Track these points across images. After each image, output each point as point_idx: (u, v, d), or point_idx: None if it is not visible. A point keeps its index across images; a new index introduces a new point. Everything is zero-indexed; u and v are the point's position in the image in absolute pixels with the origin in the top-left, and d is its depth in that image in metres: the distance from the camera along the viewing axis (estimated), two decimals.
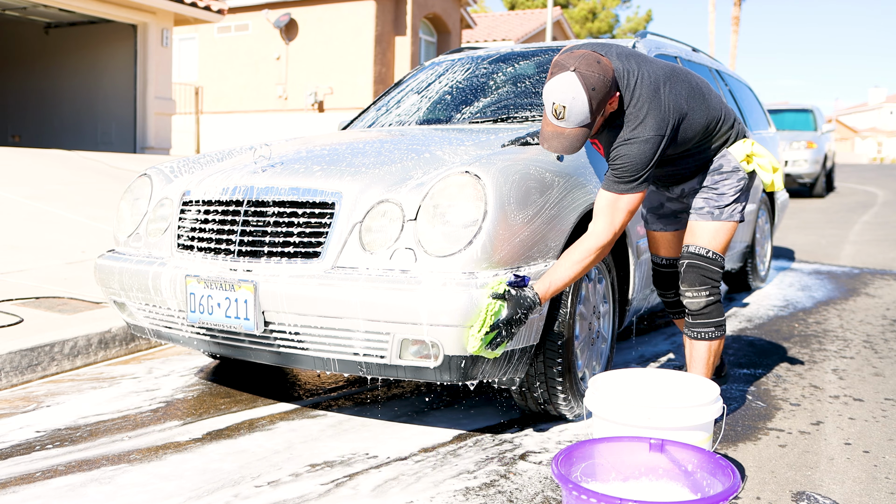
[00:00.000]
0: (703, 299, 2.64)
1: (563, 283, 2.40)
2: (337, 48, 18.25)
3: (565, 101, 2.30)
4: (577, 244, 2.43)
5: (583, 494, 1.66)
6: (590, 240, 2.41)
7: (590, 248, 2.41)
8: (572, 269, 2.40)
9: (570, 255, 2.41)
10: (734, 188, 2.66)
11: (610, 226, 2.42)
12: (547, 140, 2.39)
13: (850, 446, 2.66)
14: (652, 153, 2.40)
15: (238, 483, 2.32)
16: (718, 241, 2.65)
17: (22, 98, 14.48)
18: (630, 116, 2.41)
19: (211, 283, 2.64)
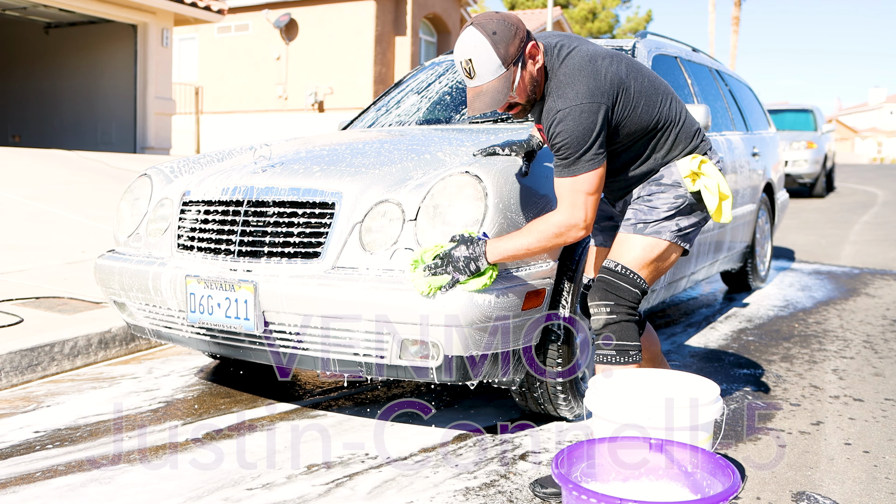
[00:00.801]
0: (602, 317, 2.30)
1: (515, 251, 2.24)
2: (337, 48, 18.26)
3: (469, 54, 2.12)
4: (542, 218, 2.24)
5: (583, 494, 1.66)
6: (554, 215, 2.22)
7: (553, 221, 2.20)
8: (527, 240, 2.22)
9: (534, 225, 2.24)
10: (669, 204, 2.34)
11: (571, 209, 2.19)
12: (470, 106, 2.19)
13: (850, 446, 2.66)
14: (591, 123, 2.14)
15: (238, 483, 2.32)
16: (636, 257, 2.32)
17: (22, 98, 14.48)
18: (559, 83, 2.19)
19: (211, 283, 2.64)
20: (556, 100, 2.18)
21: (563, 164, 2.19)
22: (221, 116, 19.52)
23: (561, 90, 2.18)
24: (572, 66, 2.19)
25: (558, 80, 2.19)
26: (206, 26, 19.02)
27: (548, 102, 2.21)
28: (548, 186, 2.62)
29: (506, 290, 2.39)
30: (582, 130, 2.14)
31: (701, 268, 4.19)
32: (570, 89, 2.16)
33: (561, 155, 2.19)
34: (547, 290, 2.57)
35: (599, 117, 2.15)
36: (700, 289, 5.77)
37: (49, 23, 13.87)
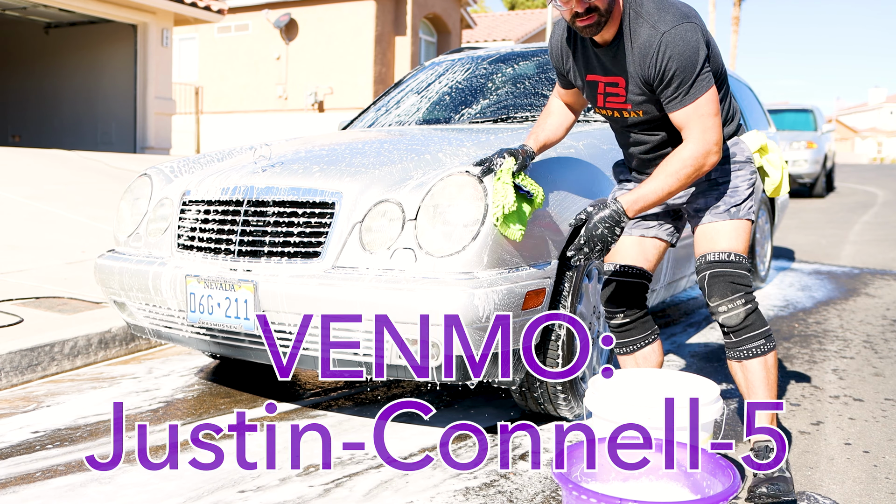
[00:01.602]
0: (741, 310, 2.21)
1: (656, 196, 2.12)
2: (337, 48, 18.25)
3: None
4: (672, 156, 2.13)
5: (583, 494, 1.66)
6: (684, 149, 2.10)
7: (685, 156, 2.10)
8: (665, 183, 2.11)
9: (666, 167, 2.12)
10: (748, 182, 2.29)
11: (702, 135, 2.09)
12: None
13: (850, 446, 2.66)
14: (696, 41, 2.07)
15: (238, 483, 2.32)
16: (740, 242, 2.26)
17: (22, 98, 14.48)
18: (650, 12, 2.11)
19: (211, 282, 2.64)
20: (654, 26, 2.09)
21: (682, 92, 2.09)
22: (221, 116, 19.52)
23: (654, 17, 2.10)
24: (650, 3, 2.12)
25: (646, 8, 2.11)
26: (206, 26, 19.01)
27: (641, 34, 2.11)
28: (546, 188, 2.62)
29: (506, 289, 2.39)
30: (692, 49, 2.06)
31: None
32: (666, 14, 2.10)
33: (676, 82, 2.09)
34: (547, 290, 2.57)
35: (700, 36, 2.09)
36: None
37: (49, 23, 13.86)
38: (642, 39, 2.11)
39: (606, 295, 2.51)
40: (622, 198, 2.13)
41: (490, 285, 2.35)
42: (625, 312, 2.49)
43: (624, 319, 2.49)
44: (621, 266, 2.47)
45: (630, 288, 2.47)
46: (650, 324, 2.53)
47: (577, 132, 3.12)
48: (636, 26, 2.12)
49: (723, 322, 2.25)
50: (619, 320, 2.50)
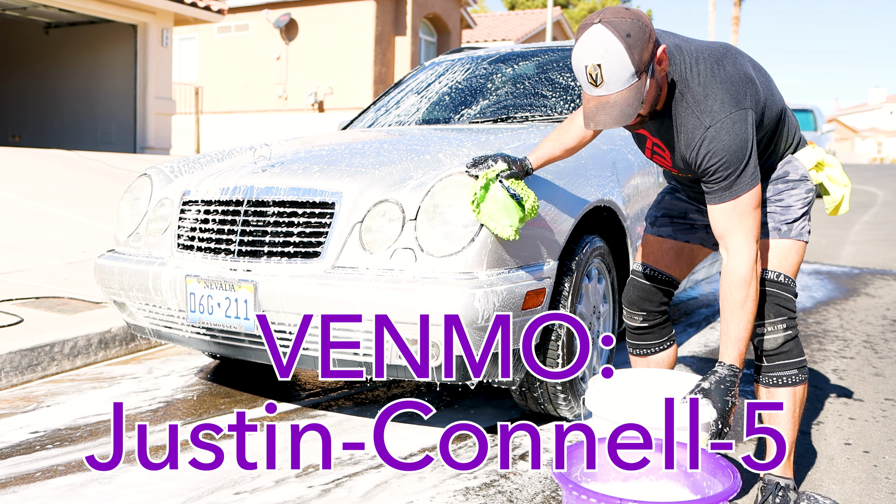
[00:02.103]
0: (780, 334, 2.12)
1: (747, 332, 2.00)
2: (337, 48, 18.26)
3: (598, 59, 1.84)
4: (726, 285, 1.99)
5: (583, 494, 1.66)
6: (738, 268, 1.96)
7: (743, 276, 1.96)
8: (747, 311, 1.98)
9: (729, 299, 1.98)
10: (803, 200, 2.18)
11: (745, 236, 1.97)
12: (592, 118, 1.92)
13: (850, 446, 2.66)
14: (744, 132, 1.93)
15: (238, 483, 2.32)
16: (790, 263, 2.15)
17: (22, 98, 14.48)
18: (696, 97, 1.97)
19: (211, 282, 2.64)
20: (699, 117, 1.96)
21: (723, 187, 1.97)
22: (221, 116, 19.52)
23: (701, 104, 1.96)
24: (704, 74, 1.98)
25: (692, 92, 1.98)
26: (206, 26, 19.02)
27: (685, 120, 1.99)
28: (546, 188, 2.62)
29: (506, 289, 2.39)
30: (739, 143, 1.93)
31: (701, 268, 4.18)
32: (712, 101, 1.95)
33: (719, 177, 1.96)
34: (547, 290, 2.57)
35: (749, 124, 1.95)
36: (700, 289, 5.76)
37: (49, 23, 13.87)
38: (688, 128, 2.00)
39: (629, 295, 2.45)
40: (726, 358, 1.99)
41: (490, 285, 2.35)
42: (644, 316, 2.43)
43: (643, 323, 2.44)
44: (651, 269, 2.42)
45: (653, 292, 2.42)
46: (668, 329, 2.47)
47: None
48: (681, 111, 2.00)
49: (756, 345, 2.16)
50: (638, 323, 2.45)
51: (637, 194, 3.21)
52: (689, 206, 2.44)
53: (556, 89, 3.75)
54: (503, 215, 2.28)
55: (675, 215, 2.45)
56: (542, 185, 2.61)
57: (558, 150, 2.43)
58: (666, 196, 2.51)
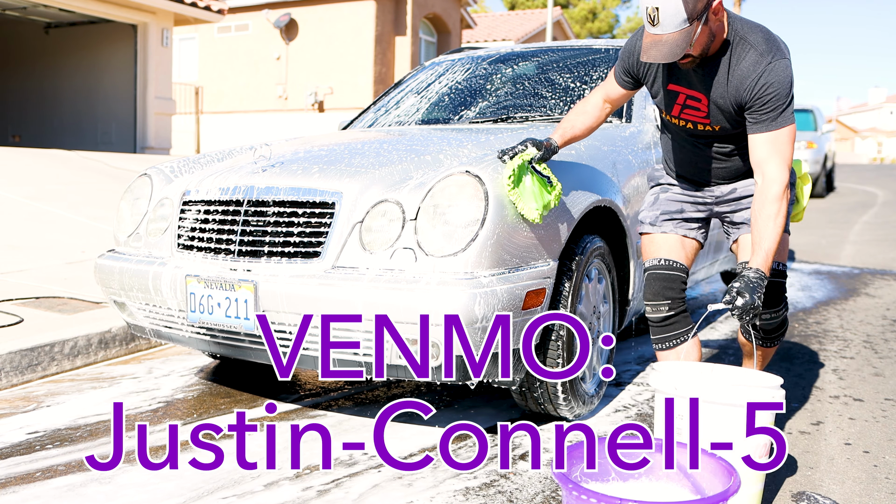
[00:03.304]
0: (780, 318, 2.51)
1: (775, 243, 2.21)
2: (337, 48, 18.25)
3: (657, 2, 2.13)
4: (760, 201, 2.22)
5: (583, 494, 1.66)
6: (772, 188, 2.21)
7: (777, 193, 2.20)
8: (776, 225, 2.20)
9: (763, 213, 2.21)
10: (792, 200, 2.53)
11: (783, 163, 2.22)
12: (645, 51, 2.21)
13: (850, 446, 2.66)
14: (790, 74, 2.23)
15: (238, 483, 2.32)
16: (784, 253, 2.49)
17: (22, 98, 14.48)
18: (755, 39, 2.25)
19: (211, 282, 2.64)
20: (762, 54, 2.23)
21: (771, 118, 2.22)
22: (221, 116, 19.52)
23: (762, 46, 2.23)
24: (755, 25, 2.27)
25: (754, 39, 2.24)
26: (206, 26, 19.01)
27: (749, 57, 2.24)
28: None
29: (506, 289, 2.39)
30: (788, 80, 2.21)
31: (701, 268, 4.18)
32: (773, 46, 2.23)
33: (768, 108, 2.22)
34: (547, 290, 2.57)
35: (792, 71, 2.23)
36: (700, 289, 5.77)
37: (49, 23, 13.86)
38: (747, 63, 2.25)
39: (651, 289, 2.56)
40: (755, 263, 2.19)
41: (490, 285, 2.35)
42: (669, 305, 2.53)
43: (669, 312, 2.53)
44: (665, 259, 2.56)
45: (674, 280, 2.54)
46: (689, 318, 2.59)
47: None
48: (741, 51, 2.26)
49: (761, 326, 2.46)
50: (664, 313, 2.54)
51: (637, 194, 3.21)
52: (684, 204, 2.62)
53: (556, 89, 3.75)
54: (531, 199, 2.42)
55: (672, 213, 2.62)
56: None
57: (579, 128, 2.61)
58: (660, 196, 2.67)
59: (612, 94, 2.59)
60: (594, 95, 2.62)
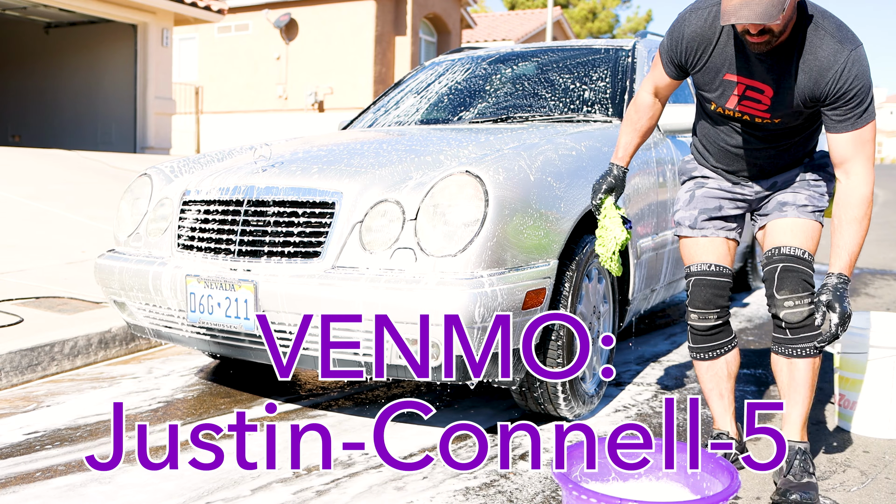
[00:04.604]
0: (805, 308, 2.21)
1: (860, 247, 2.12)
2: (337, 48, 18.25)
3: None
4: (845, 203, 2.12)
5: (583, 494, 1.66)
6: (859, 188, 2.10)
7: (864, 195, 2.11)
8: (863, 228, 2.11)
9: (847, 215, 2.10)
10: (829, 193, 2.36)
11: (868, 162, 2.10)
12: (734, 13, 1.94)
13: (849, 446, 2.66)
14: (869, 66, 2.06)
15: (238, 483, 2.32)
16: (813, 243, 2.31)
17: (22, 98, 14.48)
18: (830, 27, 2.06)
19: (211, 282, 2.64)
20: (841, 42, 2.04)
21: (857, 114, 2.07)
22: (221, 116, 19.52)
23: (838, 34, 2.05)
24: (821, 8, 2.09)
25: (828, 25, 2.06)
26: (206, 26, 19.01)
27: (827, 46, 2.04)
28: (549, 188, 2.62)
29: (506, 289, 2.39)
30: (869, 73, 2.06)
31: None
32: (848, 33, 2.06)
33: (852, 102, 2.06)
34: (547, 290, 2.57)
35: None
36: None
37: (49, 23, 13.86)
38: (825, 53, 2.05)
39: (700, 297, 2.41)
40: (836, 268, 2.11)
41: (490, 285, 2.35)
42: (718, 314, 2.41)
43: (717, 321, 2.41)
44: (715, 265, 2.41)
45: (724, 287, 2.41)
46: (731, 326, 2.49)
47: (578, 132, 3.12)
48: (816, 39, 2.06)
49: (784, 317, 2.23)
50: (712, 322, 2.41)
51: (637, 194, 3.21)
52: (722, 200, 2.44)
53: (556, 90, 3.75)
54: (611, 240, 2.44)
55: (710, 211, 2.44)
56: (543, 186, 2.61)
57: (637, 137, 2.49)
58: (695, 193, 2.48)
59: (661, 87, 2.40)
60: (645, 96, 2.44)
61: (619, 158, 2.49)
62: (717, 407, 2.49)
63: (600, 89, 3.66)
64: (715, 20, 2.17)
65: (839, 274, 2.09)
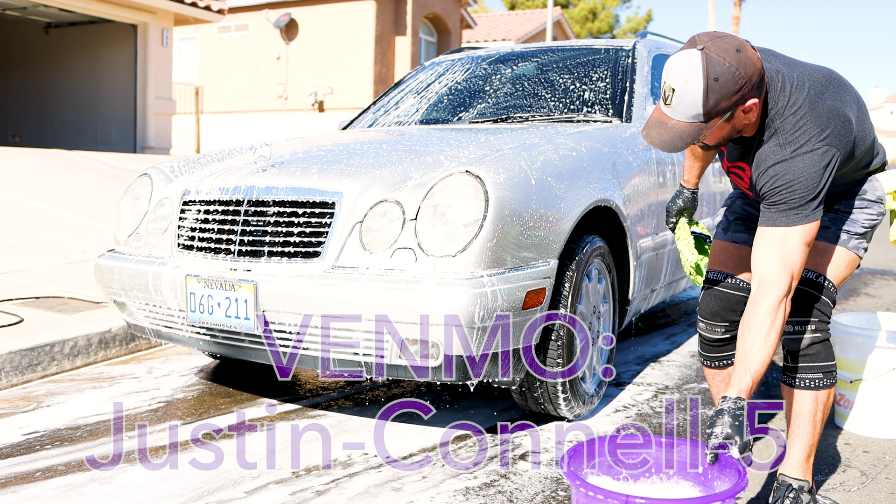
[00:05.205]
0: (808, 335, 2.08)
1: (763, 366, 1.88)
2: (337, 48, 18.26)
3: (675, 84, 1.83)
4: (751, 313, 1.91)
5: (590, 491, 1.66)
6: (766, 297, 1.88)
7: (771, 306, 1.88)
8: (769, 344, 1.88)
9: (753, 327, 1.89)
10: (870, 220, 2.17)
11: (784, 267, 1.89)
12: (648, 127, 1.92)
13: (849, 446, 2.66)
14: (822, 168, 1.89)
15: (238, 483, 2.32)
16: (838, 271, 2.13)
17: (22, 98, 14.48)
18: (785, 126, 1.93)
19: (211, 282, 2.64)
20: (782, 146, 1.92)
21: (780, 210, 1.91)
22: (221, 116, 19.52)
23: (788, 134, 1.92)
24: (802, 106, 1.93)
25: (784, 128, 1.93)
26: (206, 26, 19.02)
27: (768, 144, 1.95)
28: (550, 188, 2.62)
29: (506, 289, 2.39)
30: (814, 175, 1.89)
31: None
32: (801, 134, 1.92)
33: (779, 200, 1.92)
34: (547, 290, 2.57)
35: (830, 163, 1.91)
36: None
37: (49, 23, 13.86)
38: (765, 152, 1.96)
39: (709, 307, 2.33)
40: (734, 391, 1.85)
41: (490, 285, 2.35)
42: (726, 328, 2.33)
43: (724, 335, 2.34)
44: (732, 277, 2.30)
45: (738, 302, 2.29)
46: None
47: (578, 133, 3.12)
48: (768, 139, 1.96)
49: (784, 343, 2.13)
50: (719, 335, 2.34)
51: (637, 194, 3.21)
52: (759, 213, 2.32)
53: (556, 90, 3.75)
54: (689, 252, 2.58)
55: (746, 219, 2.36)
56: (543, 186, 2.61)
57: (697, 161, 2.54)
58: (737, 201, 2.42)
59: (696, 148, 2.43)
60: None
61: (686, 181, 2.58)
62: None
63: (600, 89, 3.66)
64: None
65: (737, 399, 1.83)
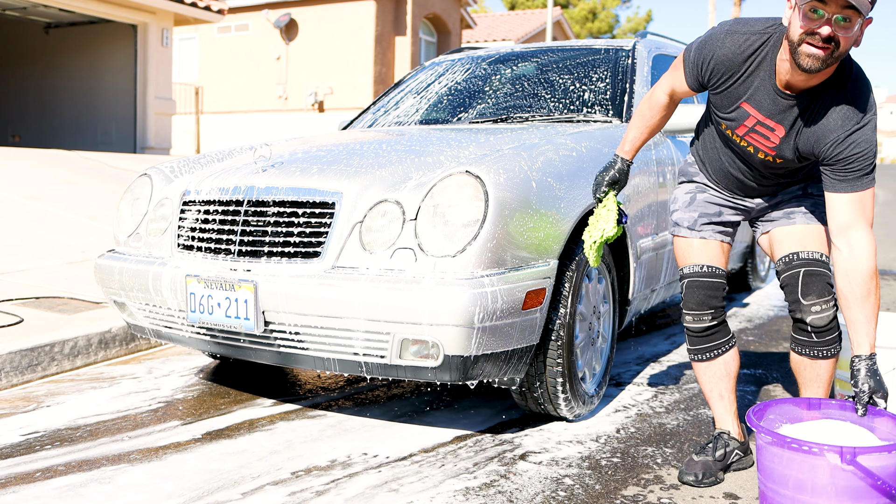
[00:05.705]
0: (831, 311, 2.26)
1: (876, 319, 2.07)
2: (337, 48, 18.26)
3: None
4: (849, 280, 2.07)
5: (774, 438, 1.81)
6: (861, 262, 2.07)
7: (868, 269, 2.06)
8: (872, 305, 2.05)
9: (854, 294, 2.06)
10: None
11: (869, 229, 2.11)
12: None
13: None
14: (876, 134, 2.09)
15: (238, 483, 2.32)
16: (827, 247, 2.32)
17: (22, 98, 14.48)
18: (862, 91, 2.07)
19: (211, 282, 2.64)
20: (854, 111, 2.06)
21: (858, 176, 2.08)
22: (221, 116, 19.52)
23: (861, 101, 2.07)
24: (863, 75, 2.10)
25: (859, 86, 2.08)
26: (206, 26, 19.01)
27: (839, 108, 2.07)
28: (550, 188, 2.62)
29: (506, 289, 2.39)
30: (874, 142, 2.08)
31: None
32: (868, 103, 2.08)
33: (855, 166, 2.07)
34: (547, 290, 2.57)
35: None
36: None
37: (49, 23, 13.86)
38: (835, 116, 2.08)
39: (694, 298, 2.43)
40: (864, 350, 2.04)
41: (490, 285, 2.35)
42: (713, 314, 2.43)
43: (712, 322, 2.43)
44: (708, 266, 2.44)
45: (718, 288, 2.43)
46: (728, 327, 2.49)
47: (578, 133, 3.12)
48: (838, 96, 2.07)
49: (812, 322, 2.27)
50: (707, 323, 2.43)
51: (637, 194, 3.21)
52: (722, 207, 2.48)
53: (556, 90, 3.75)
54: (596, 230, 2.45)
55: (711, 216, 2.48)
56: (543, 187, 2.61)
57: (646, 133, 2.47)
58: (696, 196, 2.50)
59: (677, 91, 2.37)
60: (659, 94, 2.39)
61: (626, 152, 2.48)
62: (718, 408, 2.49)
63: (600, 90, 3.66)
64: (748, 49, 2.15)
65: (870, 355, 2.03)
